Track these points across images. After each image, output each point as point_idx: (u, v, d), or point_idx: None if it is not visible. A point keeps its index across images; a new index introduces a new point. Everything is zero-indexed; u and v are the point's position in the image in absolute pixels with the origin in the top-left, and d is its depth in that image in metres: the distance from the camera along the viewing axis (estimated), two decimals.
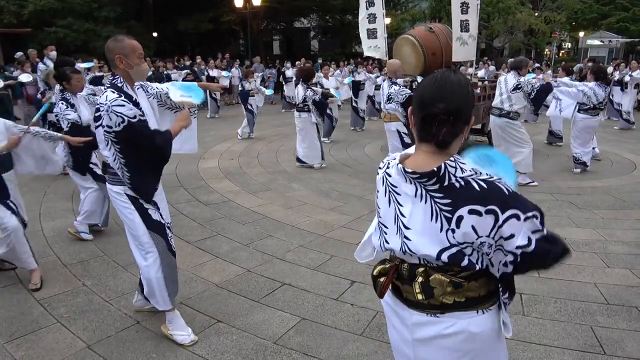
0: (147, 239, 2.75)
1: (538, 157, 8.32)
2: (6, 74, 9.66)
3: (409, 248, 1.46)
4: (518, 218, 1.30)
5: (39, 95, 7.65)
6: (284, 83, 16.15)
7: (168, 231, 2.86)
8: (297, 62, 17.02)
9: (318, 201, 5.80)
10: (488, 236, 1.33)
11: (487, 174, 1.38)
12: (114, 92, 2.53)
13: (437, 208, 1.37)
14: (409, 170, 1.41)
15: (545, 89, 6.33)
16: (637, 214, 5.24)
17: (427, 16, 25.70)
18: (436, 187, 1.37)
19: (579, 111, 6.94)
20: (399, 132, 6.33)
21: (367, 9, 8.89)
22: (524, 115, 6.45)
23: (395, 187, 1.47)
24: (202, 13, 23.36)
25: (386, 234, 1.54)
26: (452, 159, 1.38)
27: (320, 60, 19.06)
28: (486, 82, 9.66)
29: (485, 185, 1.32)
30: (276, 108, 15.62)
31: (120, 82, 2.60)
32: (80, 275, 3.73)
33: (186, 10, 23.34)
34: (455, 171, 1.36)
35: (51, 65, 8.74)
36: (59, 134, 3.95)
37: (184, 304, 3.29)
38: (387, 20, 10.09)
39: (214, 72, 14.48)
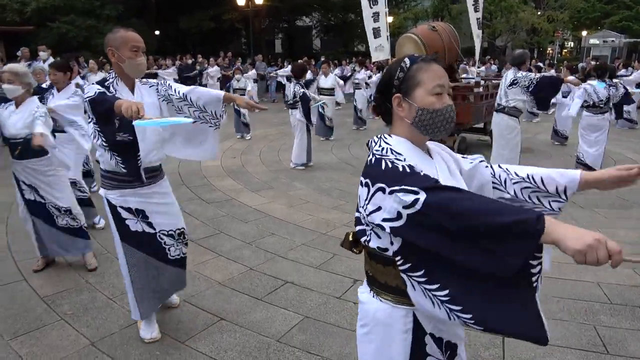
0: (119, 248, 2.72)
1: (541, 156, 8.31)
2: None
3: None
4: (384, 191, 1.25)
5: None
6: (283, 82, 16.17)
7: (161, 240, 2.77)
8: (299, 61, 17.03)
9: (320, 200, 5.80)
10: (362, 207, 1.33)
11: (392, 152, 1.37)
12: (93, 83, 2.48)
13: None
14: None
15: (550, 82, 5.97)
16: (639, 214, 5.24)
17: (430, 15, 25.66)
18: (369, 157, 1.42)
19: (584, 109, 6.93)
20: None
21: (370, 7, 8.86)
22: (525, 115, 6.28)
23: None
24: (204, 11, 23.39)
25: None
26: (380, 135, 1.46)
27: (322, 59, 19.03)
28: (492, 81, 9.65)
29: (373, 160, 1.35)
30: (278, 106, 15.61)
31: (112, 78, 2.53)
32: (83, 272, 3.74)
33: (188, 9, 23.36)
34: (375, 146, 1.43)
35: (43, 64, 8.79)
36: None
37: (187, 302, 3.30)
38: (390, 19, 10.06)
39: (213, 71, 14.45)
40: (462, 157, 1.62)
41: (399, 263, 1.33)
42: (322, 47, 31.17)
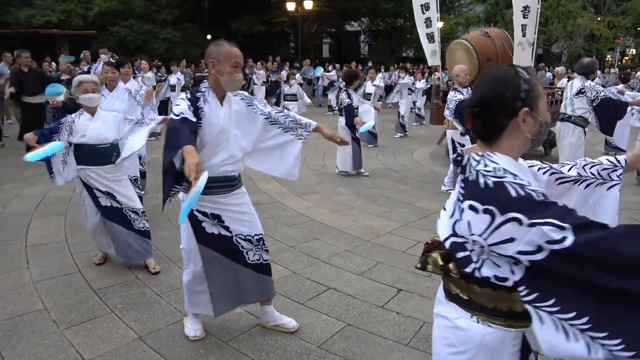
0: (189, 246, 2.75)
1: None
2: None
3: (436, 226, 1.49)
4: (520, 222, 1.16)
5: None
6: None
7: (237, 243, 2.76)
8: (345, 67, 17.06)
9: (365, 206, 5.75)
10: (480, 236, 1.25)
11: (506, 172, 1.26)
12: (185, 93, 2.60)
13: (457, 196, 1.37)
14: (454, 157, 1.45)
15: (615, 107, 5.56)
16: None
17: (482, 20, 25.03)
18: (462, 176, 1.37)
19: None
20: (453, 140, 6.13)
21: (422, 13, 8.75)
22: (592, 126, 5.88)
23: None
24: (255, 15, 23.87)
25: None
26: (481, 153, 1.36)
27: (370, 64, 18.97)
28: (546, 90, 9.30)
29: (491, 184, 1.24)
30: (324, 110, 15.68)
31: (205, 87, 2.59)
32: (133, 267, 3.87)
33: (239, 13, 23.91)
34: (477, 165, 1.32)
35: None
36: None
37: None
38: (440, 25, 9.88)
39: (259, 74, 14.53)
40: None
41: (523, 293, 1.24)
42: (370, 52, 31.09)
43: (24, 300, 3.34)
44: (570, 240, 1.11)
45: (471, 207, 1.26)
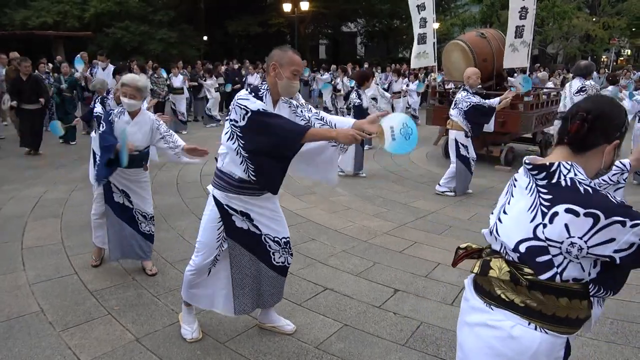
0: (207, 240, 2.72)
1: None
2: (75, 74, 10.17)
3: (497, 229, 1.51)
4: (624, 224, 1.28)
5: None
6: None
7: (266, 243, 2.75)
8: (333, 67, 17.12)
9: (362, 207, 5.76)
10: (581, 238, 1.31)
11: (601, 188, 1.40)
12: (246, 90, 2.57)
13: (538, 201, 1.40)
14: (527, 162, 1.49)
15: None
16: None
17: (478, 21, 25.10)
18: (544, 182, 1.41)
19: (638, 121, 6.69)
20: (456, 141, 6.14)
21: (418, 13, 8.75)
22: None
23: (516, 180, 1.55)
24: (251, 16, 23.88)
25: (490, 219, 1.62)
26: (570, 162, 1.42)
27: (366, 65, 18.98)
28: (542, 90, 9.34)
29: (591, 191, 1.33)
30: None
31: (264, 89, 2.56)
32: (130, 269, 3.86)
33: (236, 14, 23.93)
34: (568, 173, 1.39)
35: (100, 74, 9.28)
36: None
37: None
38: (436, 25, 9.88)
39: (252, 79, 14.35)
40: None
41: (592, 290, 1.40)
42: (366, 53, 31.15)
43: (20, 302, 3.33)
44: None
45: (569, 211, 1.32)
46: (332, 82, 14.50)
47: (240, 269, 2.76)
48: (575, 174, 1.39)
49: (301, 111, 2.75)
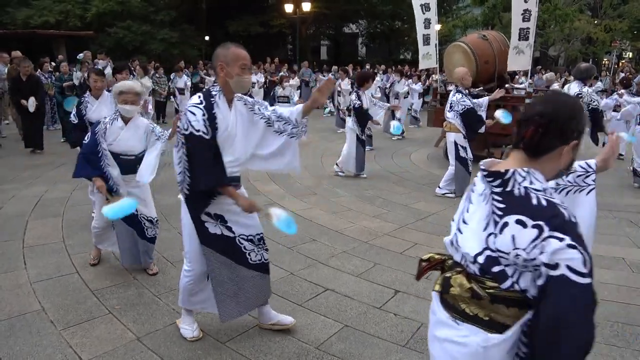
0: (191, 248, 2.75)
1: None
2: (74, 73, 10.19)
3: (457, 241, 1.47)
4: (561, 240, 1.22)
5: None
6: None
7: (240, 244, 2.77)
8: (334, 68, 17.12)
9: (362, 207, 5.77)
10: (524, 249, 1.27)
11: (558, 199, 1.32)
12: (199, 97, 2.56)
13: (492, 210, 1.36)
14: (483, 168, 1.44)
15: (598, 118, 5.91)
16: None
17: (480, 23, 25.09)
18: (499, 189, 1.37)
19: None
20: (455, 143, 6.14)
21: (422, 13, 8.74)
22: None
23: (475, 186, 1.50)
24: (253, 16, 23.90)
25: (451, 226, 1.58)
26: (527, 169, 1.36)
27: (367, 66, 18.98)
28: (540, 93, 9.34)
29: (544, 203, 1.28)
30: (320, 112, 15.68)
31: (215, 91, 2.58)
32: (131, 268, 3.87)
33: (237, 14, 23.94)
34: (523, 181, 1.34)
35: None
36: None
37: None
38: (438, 27, 9.89)
39: (254, 78, 14.50)
40: None
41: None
42: (368, 54, 31.16)
43: (22, 301, 3.34)
44: (587, 280, 1.23)
45: (519, 222, 1.28)
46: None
47: (219, 276, 2.75)
48: (531, 182, 1.34)
49: (259, 109, 2.78)
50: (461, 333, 1.44)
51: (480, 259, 1.37)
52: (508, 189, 1.35)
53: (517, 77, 14.46)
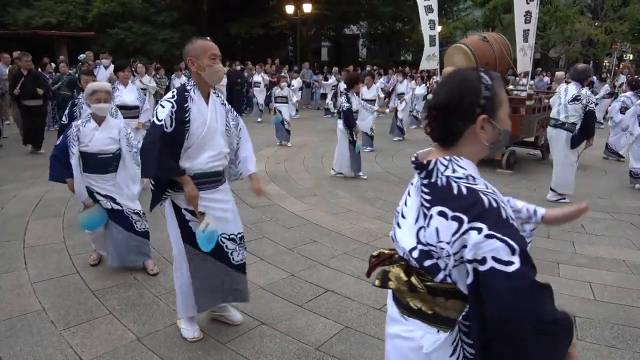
0: (177, 247, 2.79)
1: (594, 174, 7.95)
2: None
3: (396, 235, 1.43)
4: (479, 231, 1.15)
5: None
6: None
7: (222, 244, 2.81)
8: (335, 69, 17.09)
9: (363, 209, 5.77)
10: (448, 243, 1.21)
11: (473, 179, 1.26)
12: (173, 92, 2.62)
13: (421, 202, 1.32)
14: (412, 160, 1.38)
15: (592, 121, 5.86)
16: None
17: (480, 25, 25.11)
18: (425, 181, 1.32)
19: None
20: None
21: (426, 14, 8.75)
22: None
23: (414, 178, 1.44)
24: (254, 18, 23.90)
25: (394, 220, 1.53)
26: (449, 157, 1.31)
27: (368, 68, 19.01)
28: (541, 94, 9.35)
29: (464, 191, 1.22)
30: (320, 113, 15.70)
31: (190, 86, 2.63)
32: (132, 269, 3.87)
33: (238, 16, 23.94)
34: (445, 170, 1.29)
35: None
36: None
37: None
38: (439, 29, 9.91)
39: (258, 77, 14.56)
40: None
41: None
42: (369, 56, 31.14)
43: (22, 301, 3.34)
44: (515, 266, 1.12)
45: (441, 213, 1.23)
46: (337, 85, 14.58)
47: (199, 272, 2.78)
48: (454, 170, 1.28)
49: (232, 118, 2.86)
50: (408, 327, 1.41)
51: (415, 254, 1.32)
52: (432, 180, 1.30)
53: (517, 78, 14.47)
